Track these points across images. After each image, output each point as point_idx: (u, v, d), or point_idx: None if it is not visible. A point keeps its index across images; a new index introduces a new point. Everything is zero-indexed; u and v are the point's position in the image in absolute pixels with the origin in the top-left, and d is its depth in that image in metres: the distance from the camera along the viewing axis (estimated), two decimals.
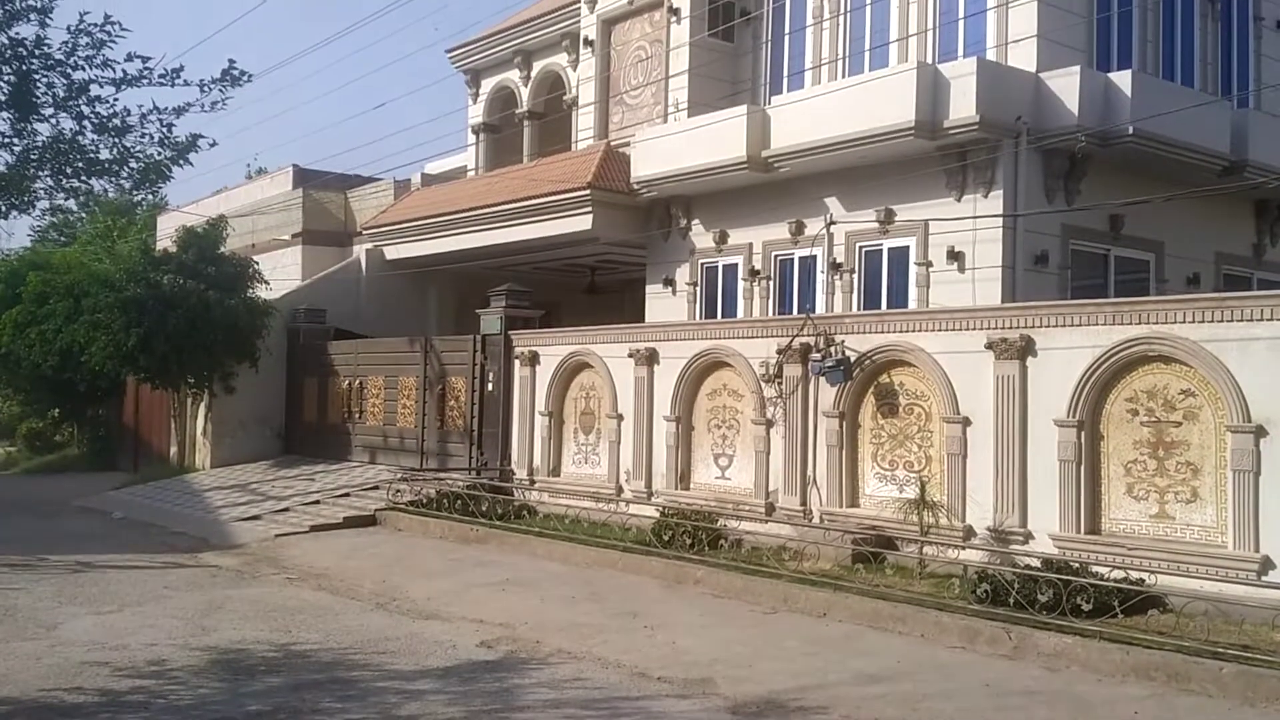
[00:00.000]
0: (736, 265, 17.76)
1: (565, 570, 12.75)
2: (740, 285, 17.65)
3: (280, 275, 24.69)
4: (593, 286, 23.83)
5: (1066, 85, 14.22)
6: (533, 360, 17.45)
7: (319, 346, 22.95)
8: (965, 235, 14.44)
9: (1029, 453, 11.07)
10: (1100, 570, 9.57)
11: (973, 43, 15.45)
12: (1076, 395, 10.67)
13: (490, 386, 18.22)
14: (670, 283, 18.81)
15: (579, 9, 21.25)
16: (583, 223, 18.71)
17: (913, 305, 14.88)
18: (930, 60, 15.26)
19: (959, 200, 14.65)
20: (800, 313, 15.02)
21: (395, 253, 23.64)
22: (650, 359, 15.27)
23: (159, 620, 10.34)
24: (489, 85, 25.46)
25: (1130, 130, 14.10)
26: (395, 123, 50.69)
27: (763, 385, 13.62)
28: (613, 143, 19.55)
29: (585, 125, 21.07)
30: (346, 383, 22.00)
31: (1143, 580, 9.39)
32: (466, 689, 7.94)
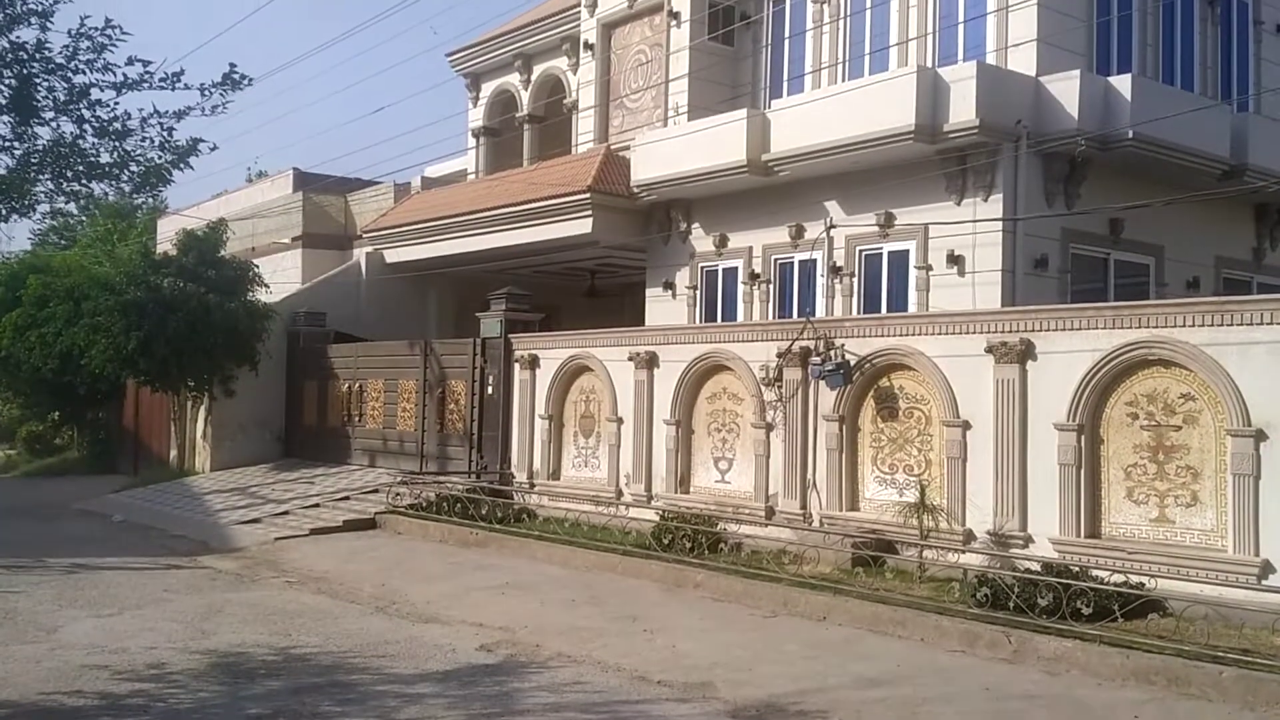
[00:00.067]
0: (736, 269, 17.77)
1: (565, 574, 12.74)
2: (740, 289, 17.65)
3: (280, 278, 24.70)
4: (593, 290, 23.85)
5: (1066, 89, 14.23)
6: (532, 363, 17.45)
7: (319, 350, 22.96)
8: (965, 239, 14.44)
9: (1029, 456, 11.07)
10: (1100, 574, 9.58)
11: (973, 46, 15.46)
12: (1076, 399, 10.67)
13: (490, 390, 18.22)
14: (670, 286, 18.81)
15: (579, 13, 21.28)
16: (583, 226, 18.73)
17: (913, 309, 14.88)
18: (930, 64, 15.27)
19: (959, 204, 14.66)
20: (800, 316, 15.02)
21: (395, 256, 23.66)
22: (650, 362, 15.27)
23: (159, 623, 10.34)
24: (489, 89, 25.50)
25: (1130, 134, 14.10)
26: (395, 126, 50.86)
27: (763, 389, 13.63)
28: (613, 146, 19.56)
29: (585, 129, 21.08)
30: (346, 386, 22.00)
31: (1143, 584, 9.40)
32: (466, 693, 7.94)
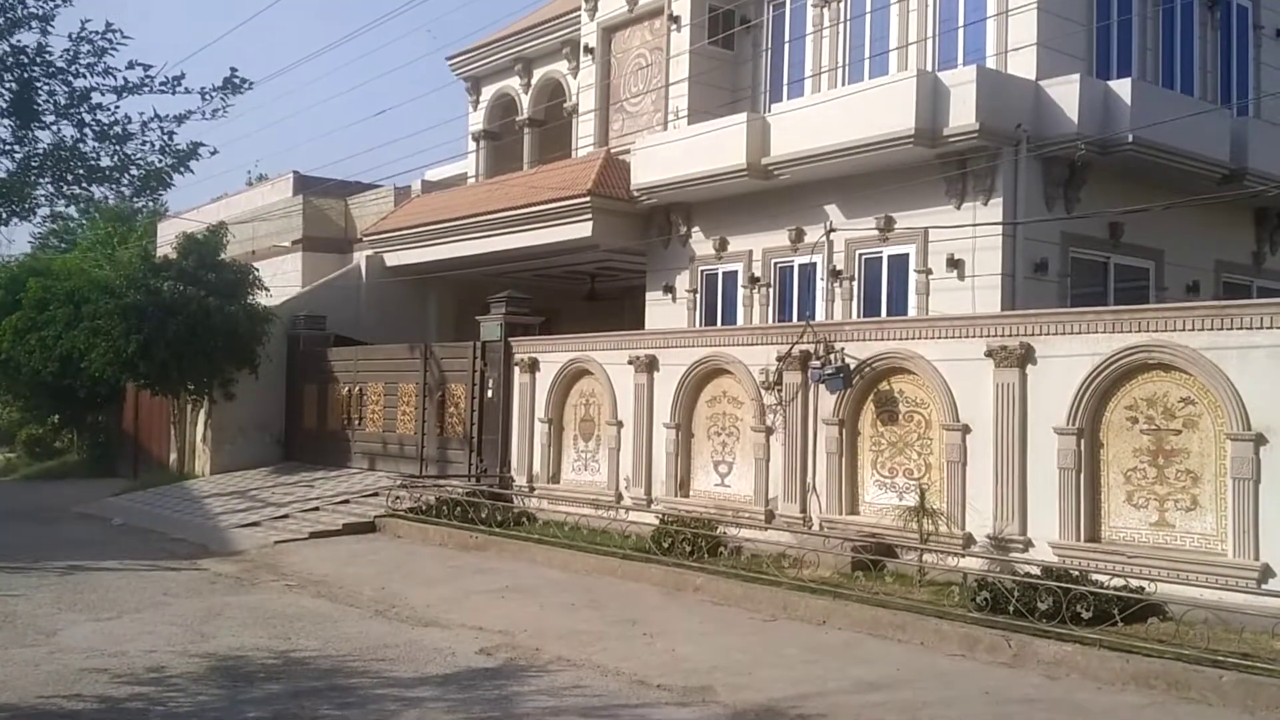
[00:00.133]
0: (736, 272, 17.77)
1: (565, 577, 12.74)
2: (740, 292, 17.66)
3: (280, 282, 24.72)
4: (593, 293, 23.85)
5: (1066, 93, 14.24)
6: (532, 367, 17.45)
7: (319, 353, 22.96)
8: (965, 243, 14.45)
9: (1029, 460, 11.07)
10: (1100, 578, 9.59)
11: (973, 50, 15.48)
12: (1076, 403, 10.67)
13: (490, 393, 18.22)
14: (670, 290, 18.82)
15: (579, 17, 21.30)
16: (583, 230, 18.74)
17: (912, 313, 14.88)
18: (930, 68, 15.29)
19: (959, 208, 14.66)
20: (800, 320, 15.03)
21: (395, 259, 23.66)
22: (650, 366, 15.27)
23: (158, 627, 10.34)
24: (489, 92, 25.52)
25: (1130, 138, 14.10)
26: (396, 130, 50.87)
27: (762, 392, 13.63)
28: (613, 150, 19.58)
29: (585, 132, 21.10)
30: (346, 389, 22.00)
31: (1142, 588, 9.40)
32: (466, 696, 7.93)
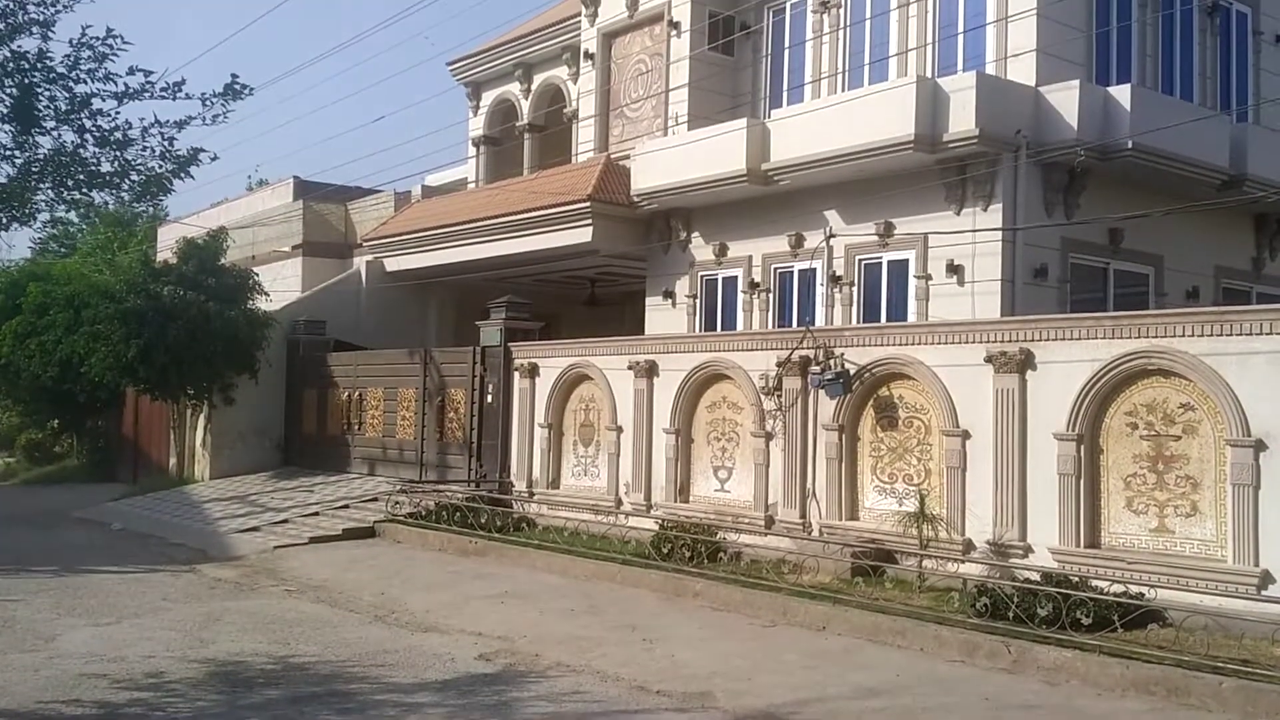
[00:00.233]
0: (736, 278, 17.78)
1: (564, 583, 12.73)
2: (740, 298, 17.67)
3: (280, 287, 24.73)
4: (593, 299, 23.85)
5: (1066, 99, 14.26)
6: (532, 372, 17.45)
7: (319, 358, 22.96)
8: (965, 248, 14.46)
9: (1028, 466, 11.07)
10: (1100, 584, 9.55)
11: (972, 57, 15.50)
12: (1076, 409, 10.67)
13: (490, 398, 18.22)
14: (670, 295, 18.83)
15: (579, 22, 21.33)
16: (583, 235, 18.74)
17: (912, 318, 14.89)
18: (930, 74, 15.30)
19: (958, 213, 14.67)
20: (800, 325, 15.03)
21: (395, 264, 23.67)
22: (650, 371, 15.27)
23: (157, 632, 10.33)
24: (490, 98, 25.54)
25: (1129, 144, 14.12)
26: (396, 135, 50.87)
27: (762, 398, 13.63)
28: (613, 155, 19.59)
29: (585, 138, 21.11)
30: (346, 394, 22.00)
31: (1142, 594, 9.39)
32: (465, 702, 7.92)
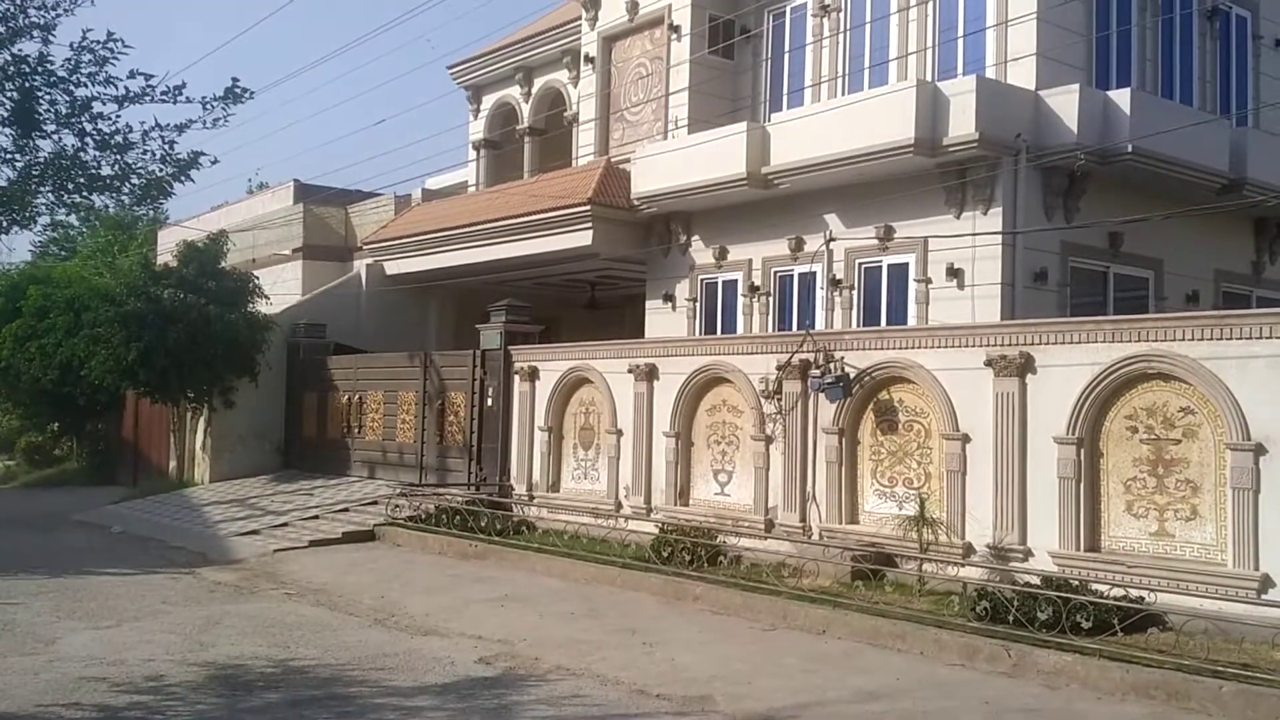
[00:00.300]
0: (736, 281, 17.79)
1: (564, 586, 12.73)
2: (740, 301, 17.67)
3: (280, 290, 24.74)
4: (593, 302, 23.86)
5: (1066, 103, 14.27)
6: (532, 375, 17.45)
7: (318, 361, 22.95)
8: (965, 252, 14.47)
9: (1028, 470, 11.06)
10: (1100, 588, 9.57)
11: (972, 61, 15.51)
12: (1076, 412, 10.67)
13: (490, 401, 18.21)
14: (670, 298, 18.83)
15: (580, 26, 21.35)
16: (583, 238, 18.75)
17: (912, 322, 14.90)
18: (930, 78, 15.32)
19: (958, 217, 14.68)
20: (800, 329, 15.03)
21: (395, 268, 23.68)
22: (650, 375, 15.27)
23: (157, 635, 10.33)
24: (490, 101, 25.58)
25: (1129, 148, 14.12)
26: (396, 138, 50.91)
27: (762, 401, 13.62)
28: (613, 159, 19.60)
29: (586, 141, 21.13)
30: (346, 397, 22.00)
31: (1142, 598, 9.40)
32: (465, 706, 7.92)
